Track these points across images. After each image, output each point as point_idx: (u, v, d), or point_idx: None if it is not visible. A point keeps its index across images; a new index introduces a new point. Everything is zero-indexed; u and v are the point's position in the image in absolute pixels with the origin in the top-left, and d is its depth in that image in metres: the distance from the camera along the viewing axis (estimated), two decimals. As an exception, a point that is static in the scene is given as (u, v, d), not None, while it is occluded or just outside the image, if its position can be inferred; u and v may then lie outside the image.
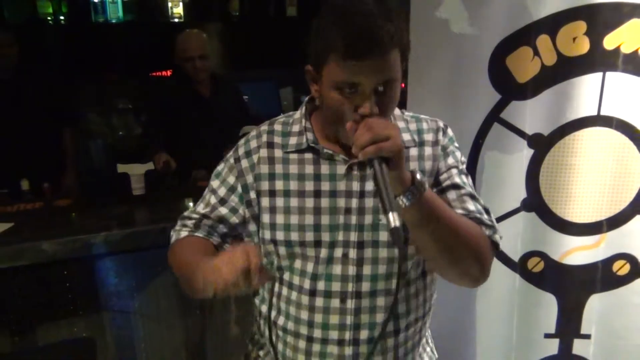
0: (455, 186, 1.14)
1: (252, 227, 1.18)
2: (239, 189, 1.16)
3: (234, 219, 1.17)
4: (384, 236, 1.11)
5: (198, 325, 2.21)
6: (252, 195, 1.15)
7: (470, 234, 1.08)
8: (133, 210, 2.12)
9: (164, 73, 4.25)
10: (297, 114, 1.19)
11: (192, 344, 2.25)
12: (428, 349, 1.32)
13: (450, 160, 1.17)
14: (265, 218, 1.14)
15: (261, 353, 1.30)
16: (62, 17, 3.74)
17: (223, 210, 1.18)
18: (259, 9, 4.11)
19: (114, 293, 2.07)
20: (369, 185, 1.11)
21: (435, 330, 1.44)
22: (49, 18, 3.69)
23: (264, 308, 1.23)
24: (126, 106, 4.03)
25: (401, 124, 1.15)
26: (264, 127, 1.20)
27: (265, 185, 1.14)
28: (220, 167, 1.23)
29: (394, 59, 1.00)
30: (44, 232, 1.88)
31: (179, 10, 3.96)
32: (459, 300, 1.74)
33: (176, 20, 3.97)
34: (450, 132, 1.21)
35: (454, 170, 1.16)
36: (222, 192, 1.19)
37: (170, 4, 3.91)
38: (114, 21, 3.80)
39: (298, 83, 3.90)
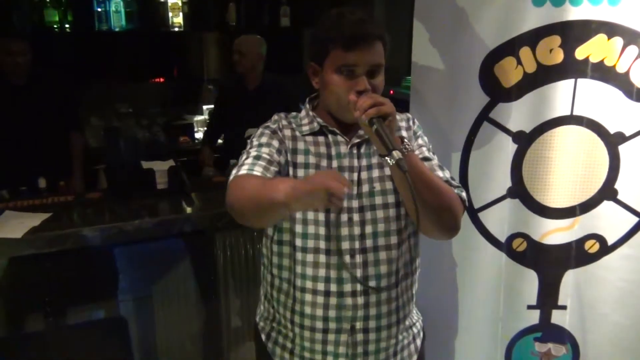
0: (426, 159, 1.39)
1: None
2: (283, 151, 1.34)
3: (280, 168, 1.31)
4: (379, 200, 1.35)
5: (216, 307, 2.38)
6: (289, 158, 1.34)
7: (444, 190, 1.31)
8: (159, 202, 2.27)
9: (161, 79, 4.39)
10: (302, 112, 1.43)
11: (210, 325, 2.41)
12: (415, 311, 1.54)
13: (420, 141, 1.43)
14: None
15: (274, 324, 1.47)
16: (67, 25, 3.83)
17: (275, 156, 1.31)
18: (254, 19, 4.25)
19: (142, 278, 2.23)
20: (365, 162, 1.35)
21: (427, 304, 1.61)
22: (55, 26, 3.78)
23: (282, 274, 1.39)
24: (127, 110, 4.15)
25: None
26: (277, 117, 1.43)
27: (290, 157, 1.34)
28: (257, 137, 1.35)
29: (379, 49, 1.28)
30: (82, 220, 2.04)
31: (179, 19, 4.05)
32: (450, 276, 1.90)
33: (176, 29, 4.07)
34: (416, 122, 1.47)
35: (424, 148, 1.42)
36: (270, 148, 1.32)
37: (170, 14, 4.01)
38: (117, 29, 3.90)
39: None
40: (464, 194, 1.38)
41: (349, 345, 1.39)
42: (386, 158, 1.16)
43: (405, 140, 1.28)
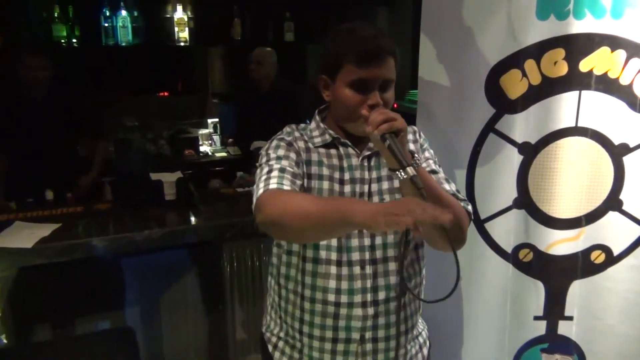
0: (433, 172, 1.40)
1: None
2: (300, 163, 1.34)
3: (302, 181, 1.31)
4: None
5: (222, 318, 2.39)
6: (304, 170, 1.35)
7: (452, 203, 1.31)
8: (167, 213, 2.29)
9: (166, 93, 4.43)
10: (312, 123, 1.44)
11: (217, 335, 2.41)
12: (420, 320, 1.54)
13: (427, 154, 1.44)
14: None
15: (282, 334, 1.47)
16: (75, 40, 3.87)
17: (296, 168, 1.31)
18: (259, 34, 4.29)
19: (149, 289, 2.24)
20: (375, 174, 1.37)
21: (433, 314, 1.61)
22: (63, 41, 3.82)
23: (291, 285, 1.39)
24: (133, 123, 4.18)
25: None
26: (289, 129, 1.44)
27: (305, 169, 1.35)
28: (273, 149, 1.34)
29: (391, 64, 1.30)
30: (92, 230, 2.06)
31: (184, 34, 4.08)
32: (457, 288, 1.94)
33: (182, 44, 4.11)
34: (422, 134, 1.49)
35: (431, 161, 1.43)
36: (289, 160, 1.32)
37: (176, 29, 4.04)
38: (123, 44, 3.93)
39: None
40: (469, 207, 1.39)
41: (358, 355, 1.40)
42: (397, 173, 1.17)
43: (416, 155, 1.30)
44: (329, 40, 1.34)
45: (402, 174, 1.16)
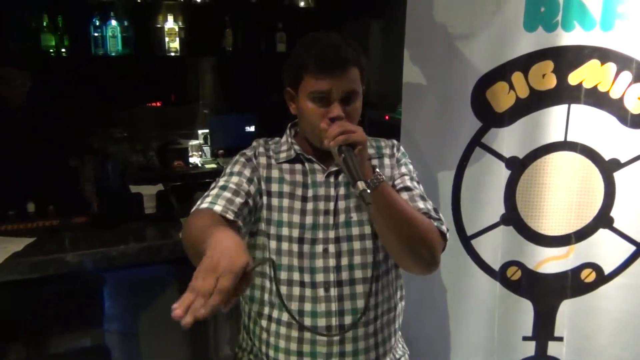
0: (407, 188, 1.33)
1: (259, 213, 1.29)
2: (254, 180, 1.28)
3: (249, 199, 1.24)
4: (355, 231, 1.29)
5: (202, 333, 2.32)
6: (262, 187, 1.30)
7: (420, 223, 1.23)
8: (146, 227, 2.23)
9: (157, 104, 4.39)
10: (283, 137, 1.39)
11: (198, 352, 2.35)
12: (400, 345, 1.48)
13: (403, 169, 1.37)
14: (263, 213, 1.29)
15: (251, 357, 1.41)
16: (64, 50, 3.84)
17: (244, 185, 1.25)
18: (251, 45, 4.27)
19: (127, 306, 2.18)
20: (342, 191, 1.31)
21: (416, 335, 1.58)
22: (51, 50, 3.79)
23: (255, 307, 1.34)
24: (121, 134, 4.13)
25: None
26: (255, 143, 1.39)
27: (264, 186, 1.30)
28: (231, 165, 1.31)
29: (354, 75, 1.24)
30: (66, 245, 2.00)
31: (175, 45, 4.04)
32: (441, 305, 1.86)
33: (172, 54, 4.08)
34: (402, 149, 1.43)
35: (406, 177, 1.36)
36: (240, 177, 1.26)
37: (167, 39, 4.00)
38: (113, 54, 3.92)
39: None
40: (444, 227, 1.30)
41: None
42: (353, 188, 1.12)
43: (377, 170, 1.22)
44: (293, 51, 1.29)
45: (359, 187, 1.10)
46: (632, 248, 1.75)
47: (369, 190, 1.09)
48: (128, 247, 1.99)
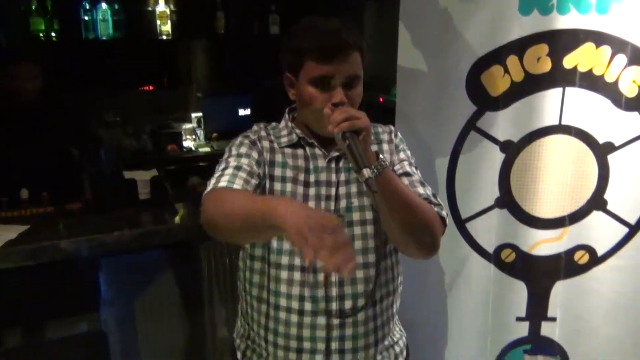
0: (407, 174, 1.34)
1: None
2: (261, 163, 1.28)
3: (260, 181, 1.25)
4: (356, 216, 1.30)
5: (199, 319, 2.34)
6: (266, 171, 1.29)
7: (422, 208, 1.24)
8: (141, 213, 2.22)
9: (149, 88, 4.35)
10: (282, 122, 1.38)
11: (192, 337, 2.36)
12: (397, 328, 1.49)
13: (402, 155, 1.38)
14: None
15: (249, 342, 1.42)
16: (53, 34, 3.79)
17: (254, 167, 1.25)
18: (244, 27, 4.22)
19: (122, 290, 2.18)
20: (343, 176, 1.31)
21: (413, 318, 1.58)
22: (41, 34, 3.74)
23: (255, 291, 1.34)
24: (114, 119, 4.10)
25: None
26: (256, 127, 1.38)
27: (267, 170, 1.29)
28: (236, 146, 1.29)
29: (356, 59, 1.23)
30: (60, 232, 1.99)
31: (167, 28, 3.99)
32: (437, 288, 1.88)
33: (164, 37, 4.03)
34: (399, 135, 1.42)
35: (405, 162, 1.36)
36: (249, 159, 1.26)
37: (158, 22, 3.95)
38: (104, 38, 3.87)
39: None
40: (444, 212, 1.31)
41: None
42: (357, 174, 1.12)
43: (381, 156, 1.22)
44: (290, 36, 1.28)
45: (364, 174, 1.10)
46: (625, 230, 1.77)
47: (372, 177, 1.09)
48: (123, 233, 1.99)
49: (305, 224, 0.91)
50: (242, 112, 4.32)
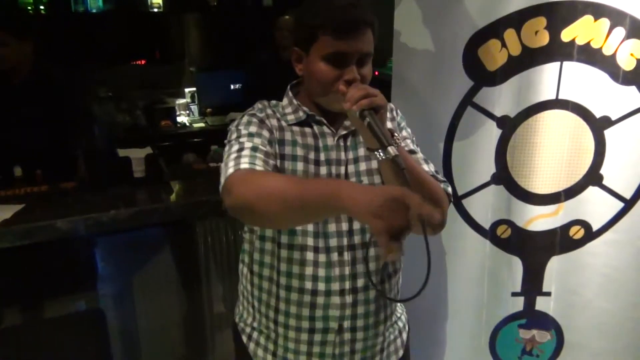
0: (412, 152, 1.33)
1: None
2: (272, 142, 1.25)
3: (275, 161, 1.23)
4: None
5: (195, 296, 2.35)
6: (276, 150, 1.26)
7: (433, 185, 1.26)
8: (136, 191, 2.21)
9: (141, 62, 4.29)
10: (285, 100, 1.34)
11: (190, 314, 2.38)
12: (399, 305, 1.50)
13: (404, 133, 1.37)
14: None
15: (255, 324, 1.40)
16: (42, 7, 3.72)
17: (268, 147, 1.22)
18: (237, 0, 4.17)
19: (120, 269, 2.18)
20: (351, 155, 1.30)
21: (410, 293, 1.60)
22: (29, 7, 3.67)
23: (266, 272, 1.32)
24: (106, 94, 4.05)
25: None
26: (261, 105, 1.34)
27: (277, 149, 1.26)
28: (244, 125, 1.25)
29: (369, 37, 1.21)
30: (56, 211, 1.98)
31: (158, 0, 3.98)
32: (434, 266, 1.88)
33: (155, 10, 3.98)
34: (399, 112, 1.41)
35: (409, 140, 1.36)
36: (262, 139, 1.22)
37: (149, -6, 3.95)
38: (94, 11, 3.81)
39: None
40: (449, 189, 1.32)
41: (336, 345, 1.34)
42: (376, 152, 1.10)
43: (395, 134, 1.20)
44: (303, 10, 1.25)
45: (382, 154, 1.08)
46: (620, 204, 1.76)
47: (398, 154, 1.06)
48: (119, 212, 1.97)
49: (378, 205, 0.88)
50: (237, 86, 4.27)
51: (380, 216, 0.87)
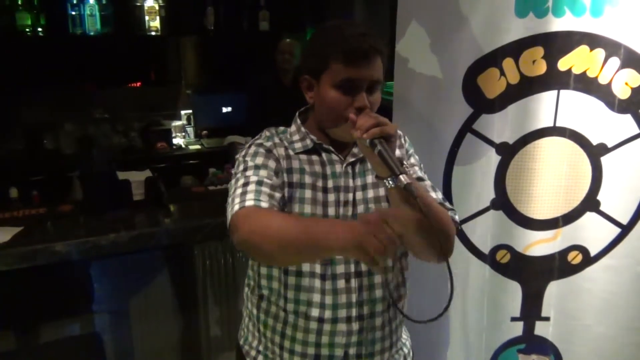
0: (420, 179, 1.34)
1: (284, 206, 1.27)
2: (279, 172, 1.26)
3: (282, 192, 1.24)
4: None
5: (193, 319, 2.33)
6: (284, 179, 1.27)
7: (441, 212, 1.26)
8: (135, 214, 2.21)
9: (138, 84, 4.31)
10: (293, 127, 1.36)
11: (188, 337, 2.36)
12: (404, 329, 1.50)
13: (413, 160, 1.38)
14: (287, 206, 1.27)
15: (260, 348, 1.40)
16: (40, 29, 3.73)
17: (274, 179, 1.24)
18: (233, 23, 4.20)
19: (117, 292, 2.17)
20: (360, 182, 1.31)
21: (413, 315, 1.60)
22: (27, 30, 3.68)
23: (273, 298, 1.33)
24: (102, 115, 4.06)
25: None
26: (269, 132, 1.35)
27: (286, 178, 1.27)
28: (251, 157, 1.26)
29: (379, 65, 1.24)
30: (55, 234, 1.97)
31: (155, 24, 3.96)
32: (434, 289, 1.83)
33: (153, 33, 4.00)
34: (407, 139, 1.43)
35: (417, 168, 1.37)
36: (268, 170, 1.24)
37: (147, 18, 3.93)
38: (92, 33, 3.82)
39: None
40: (456, 217, 1.33)
41: None
42: (386, 181, 1.12)
43: (405, 162, 1.22)
44: (314, 39, 1.28)
45: (391, 182, 1.11)
46: (617, 230, 1.79)
47: (410, 182, 1.08)
48: (119, 236, 1.97)
49: (367, 241, 0.94)
50: (232, 109, 4.30)
51: (360, 246, 0.95)
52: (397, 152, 1.34)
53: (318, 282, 1.28)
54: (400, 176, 1.08)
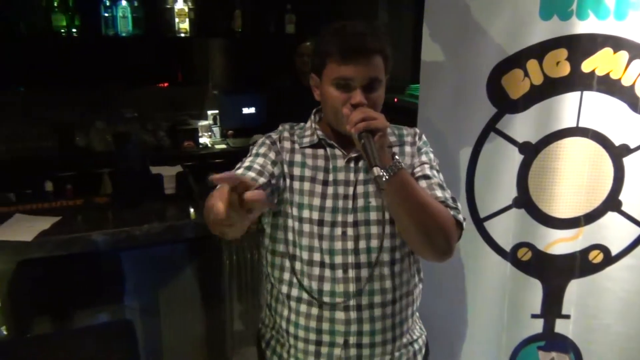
0: (426, 177, 1.36)
1: (283, 195, 1.35)
2: (279, 163, 1.34)
3: (272, 179, 1.30)
4: (374, 216, 1.34)
5: (221, 311, 2.40)
6: (285, 170, 1.36)
7: (437, 211, 1.26)
8: (167, 207, 2.29)
9: (166, 84, 4.41)
10: (308, 123, 1.44)
11: (216, 329, 2.42)
12: (418, 327, 1.52)
13: (424, 158, 1.41)
14: (286, 195, 1.35)
15: (274, 332, 1.48)
16: (74, 30, 3.85)
17: (268, 167, 1.31)
18: (260, 26, 4.27)
19: (147, 283, 2.24)
20: (361, 176, 1.36)
21: (431, 312, 1.61)
22: (62, 30, 3.80)
23: (278, 284, 1.40)
24: (132, 114, 4.16)
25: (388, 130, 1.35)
26: (281, 127, 1.44)
27: (286, 169, 1.36)
28: (257, 146, 1.37)
29: (377, 63, 1.28)
30: (91, 224, 2.06)
31: (185, 25, 4.04)
32: (455, 285, 1.92)
33: (182, 35, 4.08)
34: (424, 137, 1.46)
35: (426, 165, 1.39)
36: (265, 159, 1.32)
37: (177, 20, 4.01)
38: (123, 35, 3.93)
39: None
40: (460, 217, 1.32)
41: None
42: (370, 173, 1.17)
43: (397, 157, 1.24)
44: (318, 39, 1.34)
45: (370, 175, 1.15)
46: (638, 230, 1.81)
47: (386, 176, 1.15)
48: (152, 227, 2.05)
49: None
50: (257, 109, 4.37)
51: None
52: (408, 149, 1.40)
53: (317, 270, 1.34)
54: (374, 168, 1.13)
